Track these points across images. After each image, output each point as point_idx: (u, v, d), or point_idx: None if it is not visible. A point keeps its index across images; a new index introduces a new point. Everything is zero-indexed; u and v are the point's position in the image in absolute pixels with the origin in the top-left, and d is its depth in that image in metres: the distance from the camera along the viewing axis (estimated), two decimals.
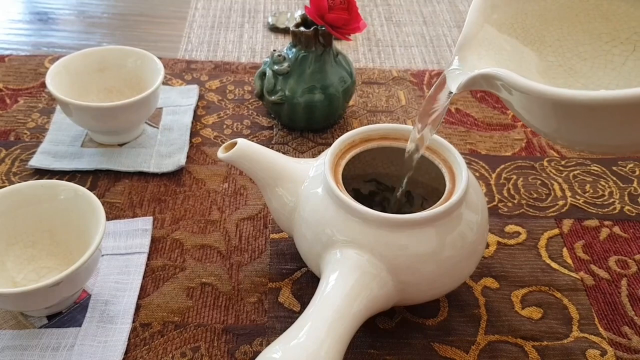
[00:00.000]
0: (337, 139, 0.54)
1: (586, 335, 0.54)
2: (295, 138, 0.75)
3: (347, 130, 0.54)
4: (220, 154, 0.54)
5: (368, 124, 0.55)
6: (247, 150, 0.54)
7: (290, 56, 0.71)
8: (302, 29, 0.69)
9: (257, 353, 0.51)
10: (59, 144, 0.71)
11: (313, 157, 0.59)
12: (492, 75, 0.40)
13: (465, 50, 0.46)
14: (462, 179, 0.50)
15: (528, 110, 0.41)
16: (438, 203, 0.49)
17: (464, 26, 0.47)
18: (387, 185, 0.60)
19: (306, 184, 0.53)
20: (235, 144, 0.54)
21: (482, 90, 0.83)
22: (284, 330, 0.43)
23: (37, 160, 0.68)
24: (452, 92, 0.45)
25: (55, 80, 0.67)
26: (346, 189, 0.51)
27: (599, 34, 0.48)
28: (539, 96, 0.36)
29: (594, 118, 0.36)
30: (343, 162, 0.53)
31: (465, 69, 0.45)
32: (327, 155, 0.52)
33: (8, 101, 0.79)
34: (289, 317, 0.54)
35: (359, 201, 0.48)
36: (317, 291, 0.46)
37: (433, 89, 0.48)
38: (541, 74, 0.48)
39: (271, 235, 0.62)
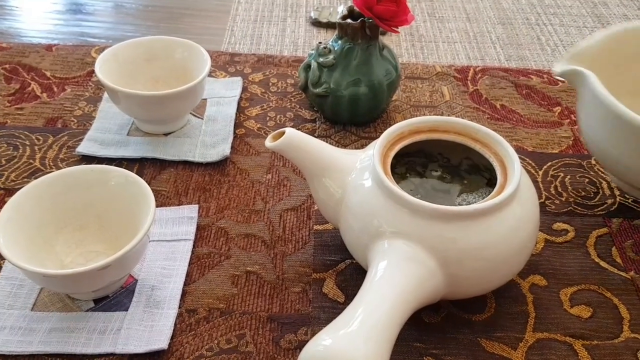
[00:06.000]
0: (380, 133, 0.53)
1: (637, 335, 0.53)
2: (338, 131, 0.74)
3: (391, 125, 0.54)
4: (268, 143, 0.54)
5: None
6: (295, 139, 0.53)
7: (335, 48, 0.71)
8: (349, 21, 0.69)
9: (302, 342, 0.51)
10: (106, 132, 0.72)
11: None
12: None
13: None
14: (514, 172, 0.50)
15: None
16: (490, 196, 0.48)
17: None
18: (434, 177, 0.60)
19: (354, 175, 0.53)
20: (283, 133, 0.53)
21: (528, 88, 0.82)
22: (328, 321, 0.43)
23: (85, 147, 0.69)
24: None
25: (104, 68, 0.68)
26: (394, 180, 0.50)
27: None
28: None
29: None
30: (392, 154, 0.52)
31: None
32: (376, 146, 0.52)
33: (55, 89, 0.80)
34: (334, 308, 0.54)
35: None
36: (366, 280, 0.45)
37: None
38: None
39: (315, 227, 0.62)
